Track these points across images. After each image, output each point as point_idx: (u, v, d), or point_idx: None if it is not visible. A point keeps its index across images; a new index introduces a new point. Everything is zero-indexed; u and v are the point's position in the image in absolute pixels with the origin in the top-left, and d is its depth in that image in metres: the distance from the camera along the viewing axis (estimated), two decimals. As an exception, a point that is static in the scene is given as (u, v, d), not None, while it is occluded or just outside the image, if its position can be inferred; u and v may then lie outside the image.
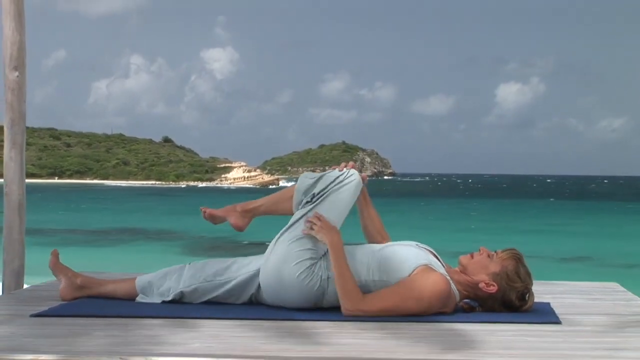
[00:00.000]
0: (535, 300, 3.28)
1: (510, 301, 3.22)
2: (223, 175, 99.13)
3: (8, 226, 4.11)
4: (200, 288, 3.35)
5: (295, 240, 3.19)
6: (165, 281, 3.41)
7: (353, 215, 3.41)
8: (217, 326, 2.93)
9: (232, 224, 3.50)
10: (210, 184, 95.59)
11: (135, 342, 2.62)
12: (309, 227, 3.17)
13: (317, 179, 3.32)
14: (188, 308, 3.25)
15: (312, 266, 3.17)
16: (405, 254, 3.20)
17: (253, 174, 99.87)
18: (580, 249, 22.84)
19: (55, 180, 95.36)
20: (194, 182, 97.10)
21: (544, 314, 3.22)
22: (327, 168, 3.47)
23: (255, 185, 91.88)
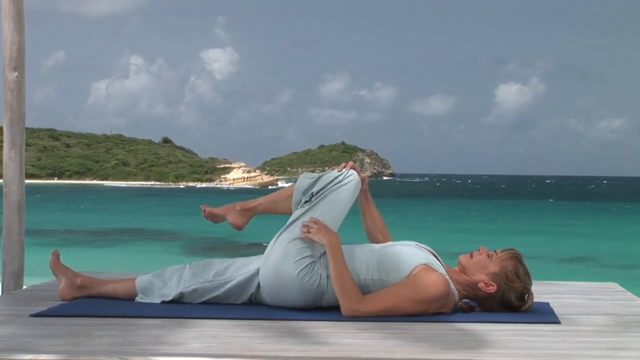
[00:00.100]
0: (535, 300, 3.28)
1: (509, 301, 3.22)
2: (222, 176, 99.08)
3: (7, 227, 4.11)
4: (200, 288, 3.35)
5: (294, 239, 3.19)
6: (165, 281, 3.41)
7: (354, 215, 3.41)
8: (217, 326, 2.93)
9: (231, 222, 3.50)
10: (209, 185, 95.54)
11: (135, 342, 2.63)
12: (306, 231, 3.17)
13: (316, 179, 3.32)
14: (188, 308, 3.25)
15: (312, 264, 3.17)
16: (405, 254, 3.20)
17: (252, 174, 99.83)
18: (579, 249, 22.86)
19: (55, 180, 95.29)
20: (193, 183, 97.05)
21: (543, 314, 3.22)
22: (327, 168, 3.47)
23: (254, 185, 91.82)
